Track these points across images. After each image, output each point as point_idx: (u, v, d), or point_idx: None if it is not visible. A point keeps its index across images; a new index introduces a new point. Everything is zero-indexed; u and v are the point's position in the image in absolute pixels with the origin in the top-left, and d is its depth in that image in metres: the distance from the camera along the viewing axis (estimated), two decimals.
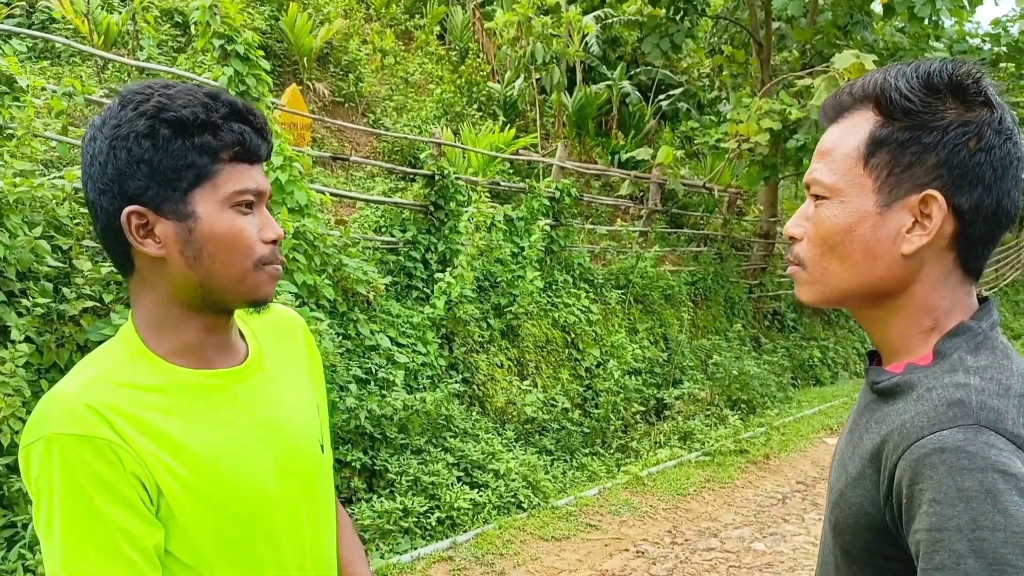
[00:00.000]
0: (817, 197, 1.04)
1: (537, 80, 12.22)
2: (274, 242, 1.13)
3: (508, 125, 10.97)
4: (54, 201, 4.17)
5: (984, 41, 13.01)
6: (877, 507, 0.95)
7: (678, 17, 10.88)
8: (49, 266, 3.93)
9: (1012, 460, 0.84)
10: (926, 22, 10.19)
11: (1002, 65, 13.94)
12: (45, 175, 4.36)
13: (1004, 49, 12.92)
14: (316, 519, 1.24)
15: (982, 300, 1.03)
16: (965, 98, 0.96)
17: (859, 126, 1.00)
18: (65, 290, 4.00)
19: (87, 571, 0.98)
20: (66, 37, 7.70)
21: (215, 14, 5.10)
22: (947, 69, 0.96)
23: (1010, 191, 0.96)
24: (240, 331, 1.24)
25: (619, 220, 10.93)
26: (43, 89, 4.70)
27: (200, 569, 1.08)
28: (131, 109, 1.05)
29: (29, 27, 7.96)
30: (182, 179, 1.06)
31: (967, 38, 12.97)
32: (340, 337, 5.46)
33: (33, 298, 3.79)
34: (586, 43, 12.83)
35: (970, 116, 0.95)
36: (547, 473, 6.11)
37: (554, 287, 8.07)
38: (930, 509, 0.85)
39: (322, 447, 1.28)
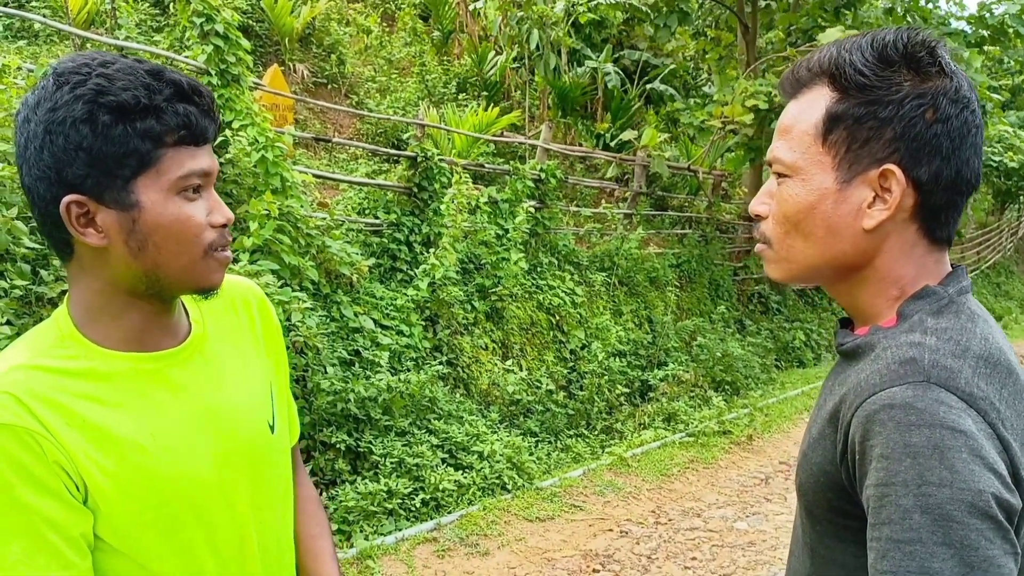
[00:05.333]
0: (779, 175, 1.04)
1: (521, 61, 12.16)
2: (223, 226, 1.08)
3: (491, 106, 10.91)
4: None
5: (969, 23, 12.99)
6: (835, 466, 0.95)
7: None
8: (27, 248, 3.88)
9: (962, 417, 0.84)
10: (923, 2, 10.14)
11: (987, 48, 13.96)
12: None
13: (987, 32, 12.91)
14: (262, 502, 1.21)
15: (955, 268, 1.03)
16: (920, 69, 0.95)
17: (816, 102, 1.00)
18: (43, 272, 3.96)
19: (10, 559, 0.94)
20: (43, 16, 7.58)
21: None
22: (901, 40, 0.95)
23: (969, 159, 0.96)
24: (185, 308, 1.19)
25: (604, 202, 10.92)
26: (19, 68, 4.62)
27: (131, 555, 1.05)
28: (67, 91, 0.97)
29: (5, 5, 7.83)
30: (124, 167, 0.99)
31: (952, 20, 12.98)
32: (325, 319, 5.44)
33: (11, 280, 3.75)
34: (575, 25, 12.76)
35: (925, 87, 0.94)
36: (531, 454, 6.12)
37: (539, 269, 8.06)
38: (878, 464, 0.85)
39: (272, 427, 1.24)
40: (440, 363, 6.26)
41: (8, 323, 3.71)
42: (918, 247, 0.99)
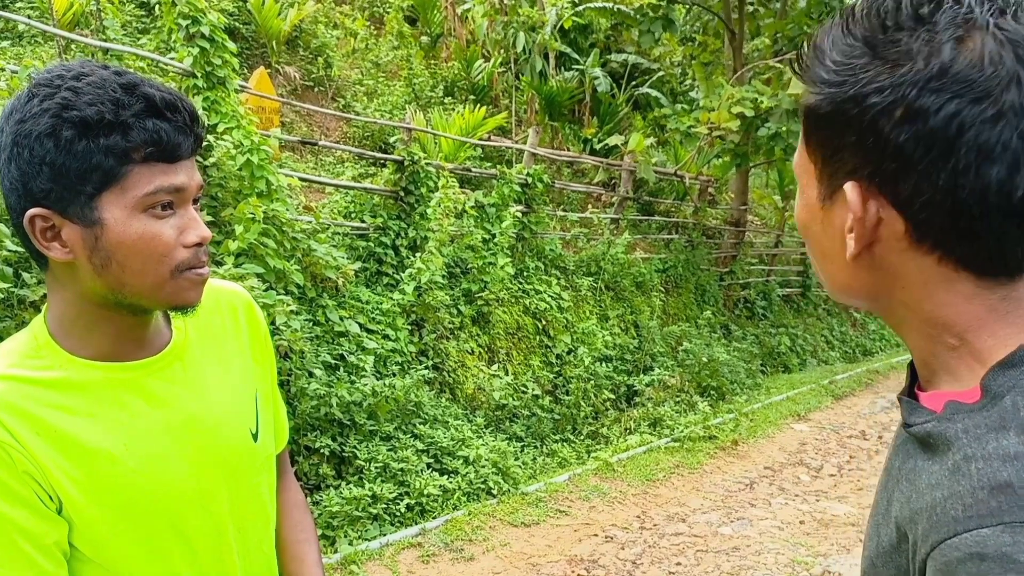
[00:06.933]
0: None
1: (508, 65, 12.18)
2: (198, 245, 1.05)
3: (479, 106, 10.92)
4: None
5: None
6: None
7: (664, 2, 10.95)
8: (8, 250, 3.85)
9: None
10: None
11: None
12: None
13: None
14: (242, 511, 1.20)
15: None
16: (887, 47, 0.69)
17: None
18: (25, 275, 3.93)
19: None
20: (28, 16, 7.52)
21: None
22: (872, 8, 0.71)
23: (970, 169, 0.65)
24: (167, 315, 1.18)
25: (590, 207, 10.94)
26: (2, 70, 4.59)
27: (105, 564, 1.05)
28: (36, 103, 0.96)
29: None
30: (87, 182, 0.97)
31: None
32: (310, 323, 5.42)
33: None
34: (561, 30, 12.80)
35: (896, 74, 0.67)
36: (517, 459, 6.12)
37: (525, 274, 8.06)
38: None
39: (255, 436, 1.23)
40: (426, 367, 6.24)
41: None
42: (959, 282, 0.72)
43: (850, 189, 0.71)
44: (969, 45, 0.66)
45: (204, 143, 1.09)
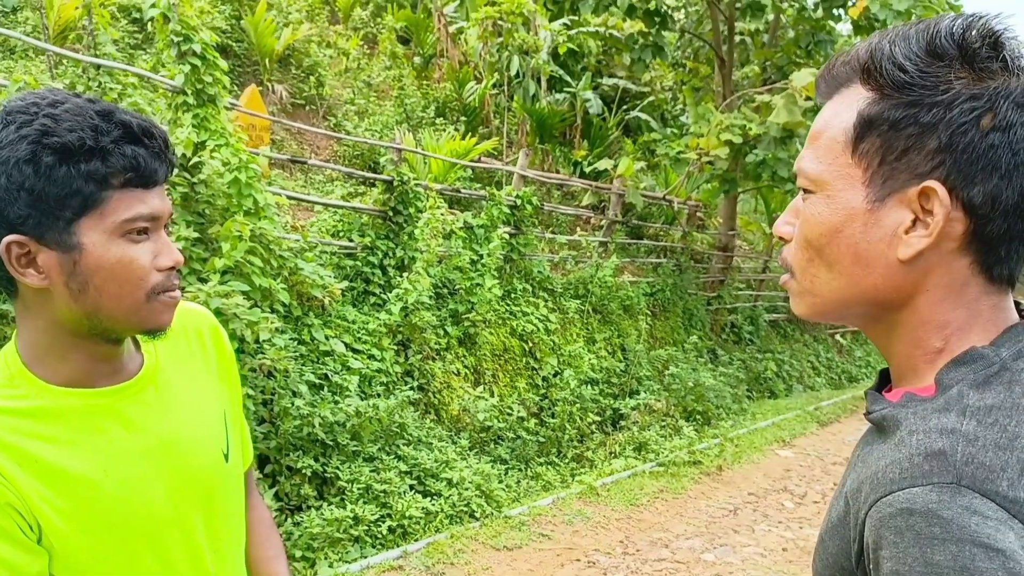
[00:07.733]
0: (804, 191, 0.87)
1: (500, 87, 12.25)
2: (171, 268, 1.07)
3: (470, 132, 10.96)
4: None
5: None
6: (850, 562, 0.79)
7: (654, 30, 11.08)
8: None
9: (1000, 531, 0.66)
10: None
11: None
12: None
13: None
14: (217, 532, 1.21)
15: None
16: (976, 64, 0.77)
17: (849, 104, 0.83)
18: None
19: None
20: (23, 32, 7.53)
21: (173, 11, 5.03)
22: (958, 28, 0.78)
23: None
24: (136, 340, 1.19)
25: (579, 230, 10.97)
26: None
27: None
28: (13, 130, 0.97)
29: None
30: (67, 208, 0.98)
31: None
32: (295, 342, 5.39)
33: None
34: (554, 51, 12.90)
35: (982, 87, 0.75)
36: (501, 482, 6.09)
37: (513, 295, 8.06)
38: None
39: (226, 456, 1.24)
40: (411, 388, 6.22)
41: None
42: (970, 287, 0.80)
43: (939, 189, 0.76)
44: None
45: (175, 169, 1.10)
